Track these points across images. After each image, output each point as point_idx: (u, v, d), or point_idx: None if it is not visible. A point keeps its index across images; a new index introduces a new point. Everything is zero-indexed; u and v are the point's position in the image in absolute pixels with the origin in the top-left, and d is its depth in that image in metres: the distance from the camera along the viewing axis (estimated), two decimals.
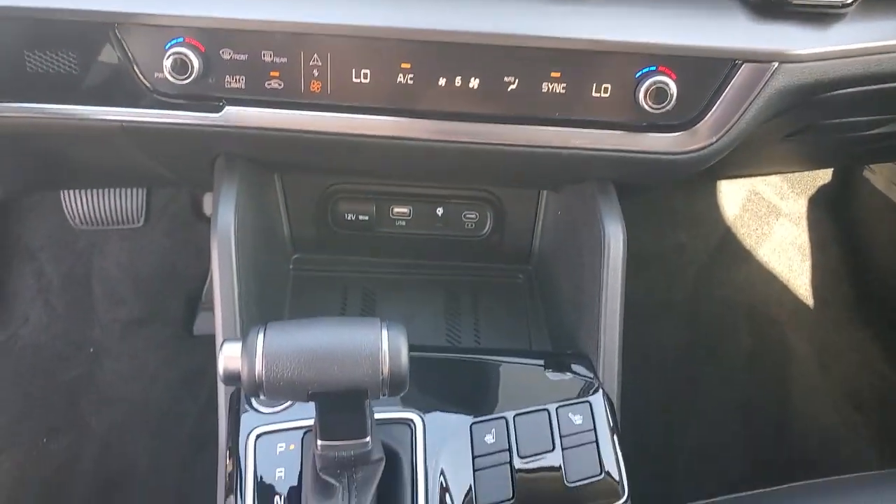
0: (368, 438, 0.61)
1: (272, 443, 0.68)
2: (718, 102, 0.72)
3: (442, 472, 0.67)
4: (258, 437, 0.69)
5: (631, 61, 0.70)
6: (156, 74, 0.71)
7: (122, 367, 1.47)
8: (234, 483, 0.67)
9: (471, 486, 0.66)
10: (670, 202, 1.68)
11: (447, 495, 0.65)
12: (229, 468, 0.69)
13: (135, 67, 0.71)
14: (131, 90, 0.72)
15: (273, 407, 0.72)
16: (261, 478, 0.66)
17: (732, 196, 1.69)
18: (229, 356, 0.56)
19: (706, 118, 0.73)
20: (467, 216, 0.94)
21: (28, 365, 1.45)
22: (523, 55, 0.70)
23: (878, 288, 1.50)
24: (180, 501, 1.32)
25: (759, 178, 1.68)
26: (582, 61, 0.70)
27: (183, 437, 1.39)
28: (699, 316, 1.54)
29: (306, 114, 0.73)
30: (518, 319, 0.92)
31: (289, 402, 0.72)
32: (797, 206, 1.67)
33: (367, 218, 0.93)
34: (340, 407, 0.58)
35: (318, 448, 0.60)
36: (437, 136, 0.73)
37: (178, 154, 0.84)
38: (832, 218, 1.62)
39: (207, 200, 1.59)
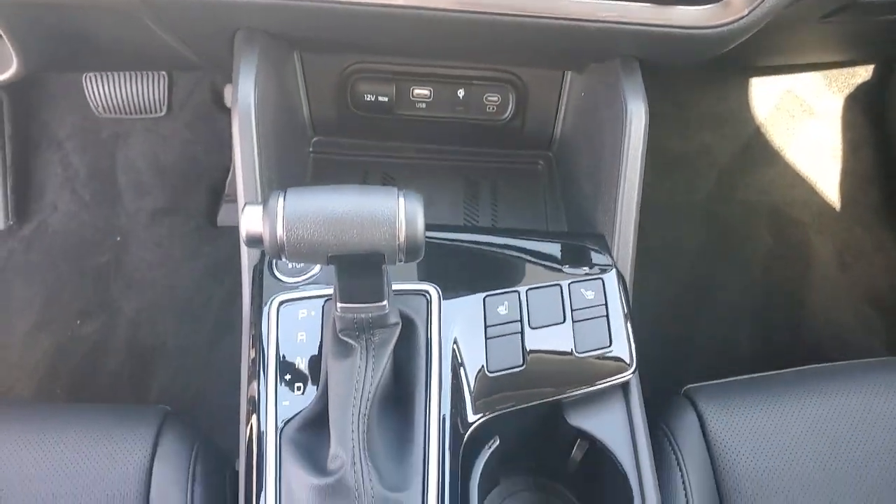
0: (385, 302, 0.62)
1: (294, 310, 0.71)
2: None
3: (455, 340, 0.69)
4: (281, 303, 0.71)
5: None
6: None
7: (148, 254, 1.51)
8: (258, 347, 0.70)
9: (483, 354, 0.69)
10: (698, 102, 1.63)
11: (459, 360, 0.68)
12: (253, 334, 0.72)
13: None
14: None
15: (295, 277, 0.74)
16: (283, 342, 0.69)
17: (765, 95, 1.63)
18: (251, 218, 0.57)
19: None
20: (489, 99, 0.93)
21: (58, 251, 1.50)
22: None
23: None
24: (207, 380, 1.38)
25: (794, 76, 1.62)
26: None
27: (209, 321, 1.44)
28: (720, 217, 1.53)
29: None
30: (536, 205, 0.92)
31: (310, 273, 0.75)
32: (832, 106, 1.61)
33: (386, 99, 0.92)
34: (358, 271, 0.59)
35: (338, 310, 0.62)
36: (462, 7, 0.71)
37: (198, 28, 0.82)
38: (868, 119, 1.57)
39: (229, 91, 1.58)
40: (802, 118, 1.62)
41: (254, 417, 0.66)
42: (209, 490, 0.78)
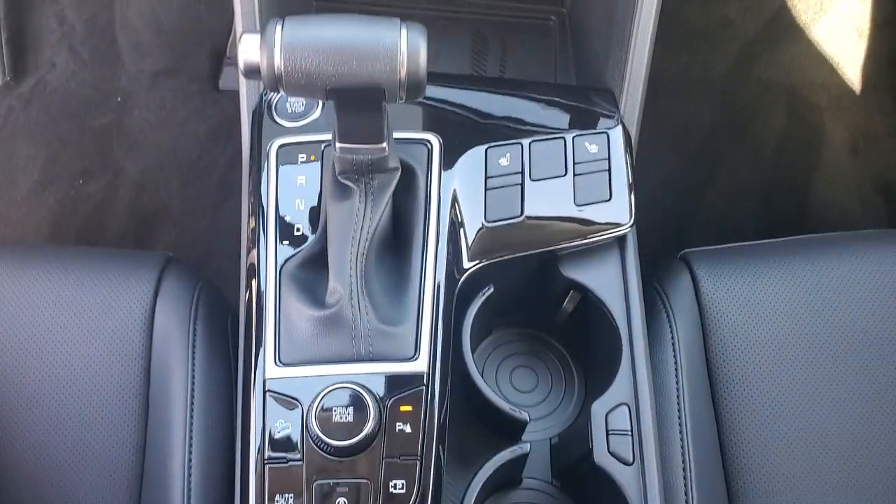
0: (385, 144, 0.61)
1: (293, 153, 0.70)
2: None
3: (455, 190, 0.69)
4: (280, 146, 0.70)
5: None
6: None
7: (150, 115, 1.49)
8: (257, 189, 0.70)
9: (482, 204, 0.69)
10: None
11: (458, 209, 0.68)
12: (253, 178, 0.72)
13: None
14: None
15: (294, 122, 0.73)
16: (282, 184, 0.69)
17: None
18: (248, 47, 0.55)
19: None
20: None
21: (58, 110, 1.48)
22: None
23: None
24: (210, 240, 1.40)
25: None
26: None
27: (212, 184, 1.44)
28: (735, 95, 1.49)
29: None
30: (546, 61, 0.89)
31: (310, 118, 0.74)
32: None
33: None
34: (358, 107, 0.58)
35: (337, 151, 0.61)
36: None
37: None
38: None
39: None
40: None
41: (253, 254, 0.67)
42: (210, 329, 0.80)
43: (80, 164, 1.45)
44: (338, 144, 0.61)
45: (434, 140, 0.70)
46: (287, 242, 0.66)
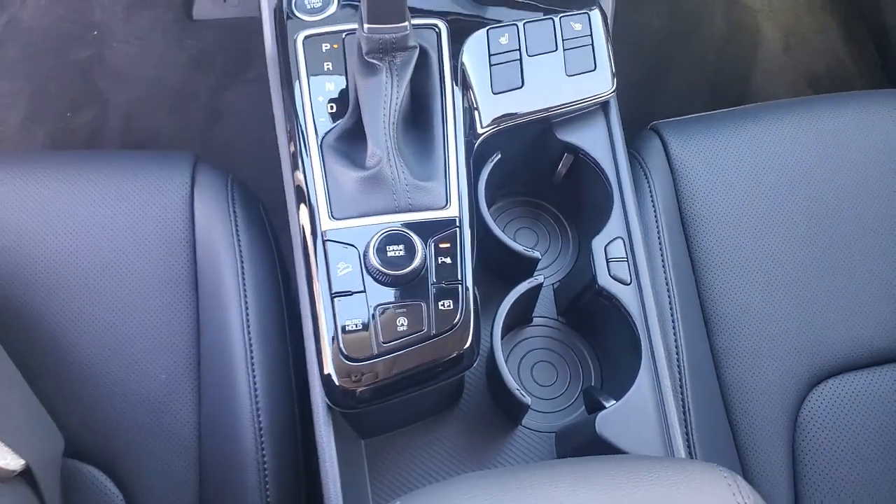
0: (407, 24, 0.72)
1: (318, 42, 0.79)
2: None
3: (463, 65, 0.79)
4: (306, 38, 0.79)
5: None
6: None
7: (130, 48, 1.53)
8: (288, 77, 0.79)
9: (488, 77, 0.80)
10: None
11: (468, 82, 0.79)
12: (282, 67, 0.80)
13: None
14: None
15: (313, 16, 0.82)
16: (311, 69, 0.78)
17: None
18: None
19: None
20: None
21: (35, 47, 1.50)
22: None
23: None
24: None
25: None
26: None
27: (198, 110, 1.50)
28: (679, 4, 1.62)
29: None
30: None
31: (327, 13, 0.82)
32: None
33: None
34: None
35: (365, 31, 0.71)
36: None
37: None
38: None
39: None
40: None
41: (293, 137, 0.77)
42: (248, 213, 0.89)
43: (67, 98, 1.48)
44: (366, 26, 0.71)
45: (441, 25, 0.80)
46: (323, 119, 0.76)
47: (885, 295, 0.90)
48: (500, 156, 0.82)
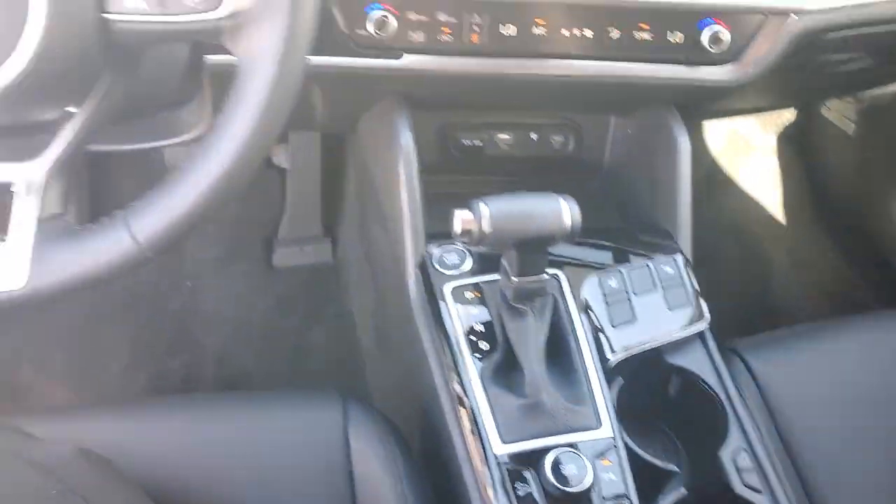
0: (546, 276, 0.89)
1: (461, 292, 0.96)
2: (756, 43, 1.02)
3: (585, 303, 0.96)
4: (454, 288, 0.96)
5: (697, 16, 0.99)
6: (357, 30, 0.95)
7: (219, 296, 1.70)
8: (440, 325, 0.94)
9: (606, 313, 0.96)
10: None
11: (593, 319, 0.95)
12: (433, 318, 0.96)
13: (340, 24, 0.95)
14: (336, 41, 0.96)
15: (453, 270, 0.99)
16: (462, 315, 0.94)
17: (716, 134, 2.02)
18: (464, 219, 0.83)
19: (747, 54, 1.02)
20: (554, 139, 1.22)
21: (134, 296, 1.66)
22: (622, 12, 0.98)
23: (836, 201, 1.86)
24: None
25: (735, 119, 2.02)
26: (665, 16, 0.99)
27: (286, 349, 1.64)
28: (699, 236, 1.88)
29: (467, 59, 0.99)
30: (597, 214, 1.19)
31: (464, 268, 1.00)
32: (767, 141, 2.01)
33: (480, 143, 1.20)
34: (533, 250, 0.86)
35: (515, 282, 0.88)
36: (557, 72, 1.01)
37: (351, 94, 1.09)
38: (796, 149, 1.98)
39: (278, 151, 1.81)
40: (747, 152, 2.01)
41: (453, 375, 0.90)
42: (405, 456, 0.92)
43: (163, 344, 1.62)
44: (515, 279, 0.88)
45: (561, 274, 0.98)
46: (478, 355, 0.90)
47: None
48: (623, 381, 0.96)
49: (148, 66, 0.76)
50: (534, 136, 1.23)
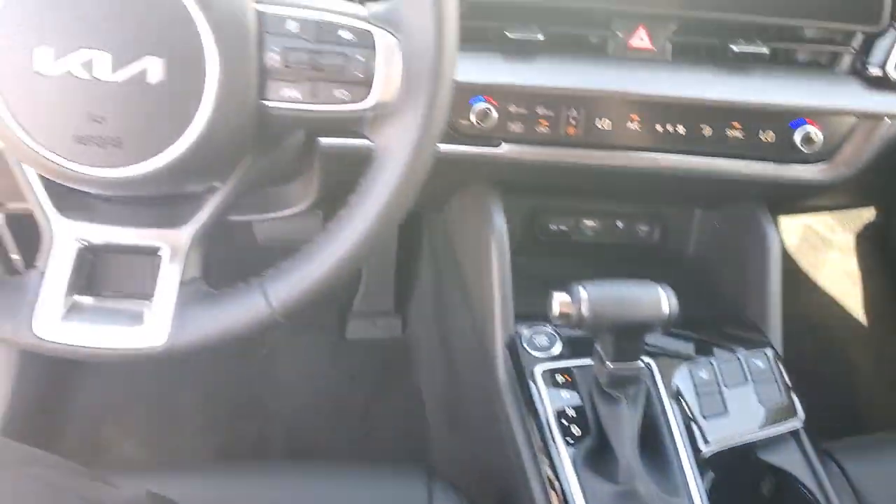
0: (640, 363, 0.90)
1: (552, 375, 0.97)
2: (849, 144, 1.04)
3: (676, 391, 0.95)
4: (544, 371, 0.97)
5: (789, 116, 1.02)
6: (460, 120, 1.01)
7: (292, 364, 1.74)
8: (531, 407, 0.95)
9: (697, 404, 0.95)
10: None
11: (685, 409, 0.94)
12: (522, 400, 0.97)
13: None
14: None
15: (543, 352, 1.01)
16: (553, 399, 0.94)
17: (790, 232, 2.01)
18: (562, 301, 0.85)
19: (840, 154, 1.04)
20: (640, 228, 1.25)
21: (212, 363, 1.71)
22: (716, 111, 1.02)
23: None
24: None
25: (812, 216, 2.01)
26: (757, 116, 1.02)
27: (354, 420, 1.65)
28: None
29: (562, 150, 1.03)
30: (680, 304, 1.20)
31: (553, 351, 1.01)
32: (845, 238, 1.99)
33: (566, 229, 1.24)
34: (630, 336, 0.87)
35: (610, 368, 0.88)
36: (649, 165, 1.04)
37: (446, 177, 1.14)
38: (877, 248, 1.95)
39: None
40: (824, 249, 1.99)
41: (544, 458, 0.90)
42: None
43: (236, 409, 1.65)
44: (611, 364, 0.89)
45: (653, 363, 0.98)
46: (570, 441, 0.90)
47: None
48: (713, 475, 0.94)
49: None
50: (620, 224, 1.25)
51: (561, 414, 0.93)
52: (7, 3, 0.58)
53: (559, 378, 0.97)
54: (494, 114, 0.98)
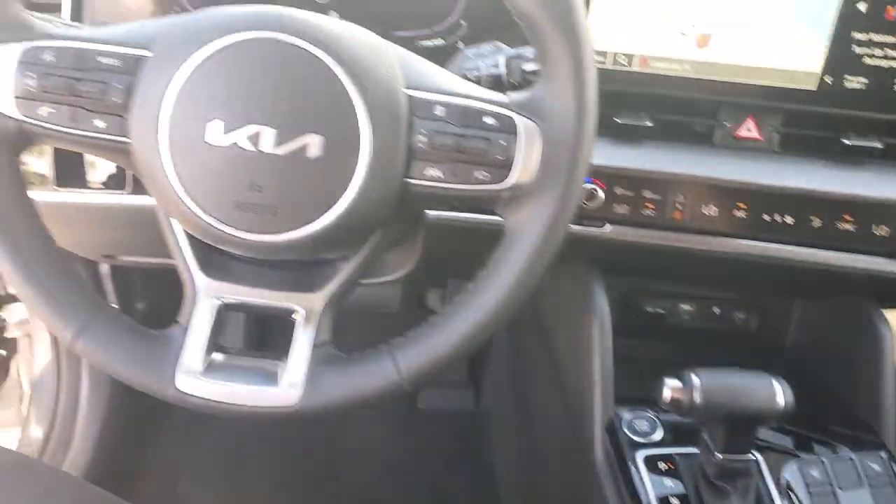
0: (752, 455, 0.87)
1: (655, 462, 0.94)
2: None
3: (787, 486, 0.92)
4: (646, 457, 0.95)
5: None
6: None
7: (364, 433, 1.74)
8: (632, 493, 0.92)
9: (809, 502, 0.91)
10: None
11: (795, 503, 0.90)
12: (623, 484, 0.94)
13: None
14: None
15: (645, 438, 0.98)
16: (655, 487, 0.92)
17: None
18: (674, 387, 0.84)
19: None
20: (738, 315, 1.23)
21: (284, 427, 1.72)
22: (827, 203, 1.01)
23: None
24: None
25: None
26: (871, 209, 1.01)
27: (424, 494, 1.63)
28: None
29: (667, 233, 1.04)
30: None
31: (654, 437, 0.99)
32: None
33: (663, 311, 1.23)
34: (742, 428, 0.85)
35: (720, 459, 0.86)
36: (756, 253, 1.04)
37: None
38: None
39: (432, 294, 1.90)
40: None
41: None
42: None
43: (309, 474, 1.65)
44: (721, 455, 0.86)
45: (759, 456, 0.95)
46: None
47: None
48: None
49: None
50: (716, 309, 1.24)
51: (664, 501, 0.90)
52: (189, 81, 0.63)
53: (661, 465, 0.94)
54: (601, 195, 1.00)
